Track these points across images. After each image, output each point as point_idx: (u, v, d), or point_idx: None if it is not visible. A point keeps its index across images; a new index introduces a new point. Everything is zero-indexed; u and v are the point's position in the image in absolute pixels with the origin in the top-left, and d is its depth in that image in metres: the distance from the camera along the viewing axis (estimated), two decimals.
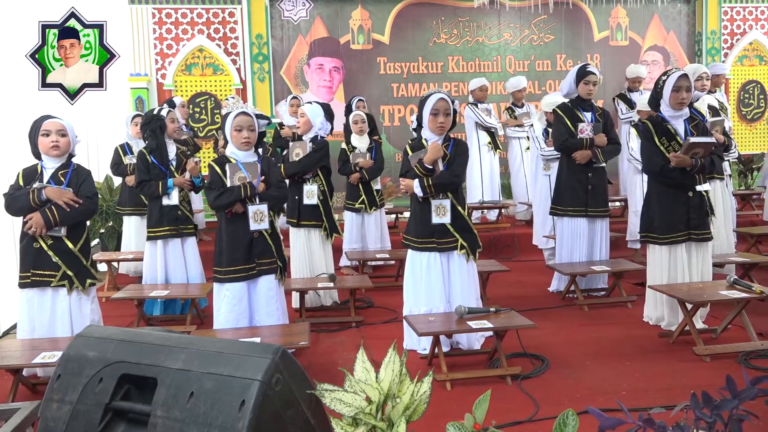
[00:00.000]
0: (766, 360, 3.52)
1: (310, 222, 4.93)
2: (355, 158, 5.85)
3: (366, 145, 6.00)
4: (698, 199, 4.04)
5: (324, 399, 1.94)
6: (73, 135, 3.66)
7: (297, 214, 4.92)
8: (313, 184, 4.92)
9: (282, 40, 8.96)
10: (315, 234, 4.97)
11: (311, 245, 4.99)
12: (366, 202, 5.95)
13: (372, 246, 6.04)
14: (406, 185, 3.75)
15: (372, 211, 6.02)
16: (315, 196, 4.88)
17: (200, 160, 4.81)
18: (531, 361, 3.59)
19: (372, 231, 6.06)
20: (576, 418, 1.91)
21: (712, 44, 9.62)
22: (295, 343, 3.30)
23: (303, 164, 4.82)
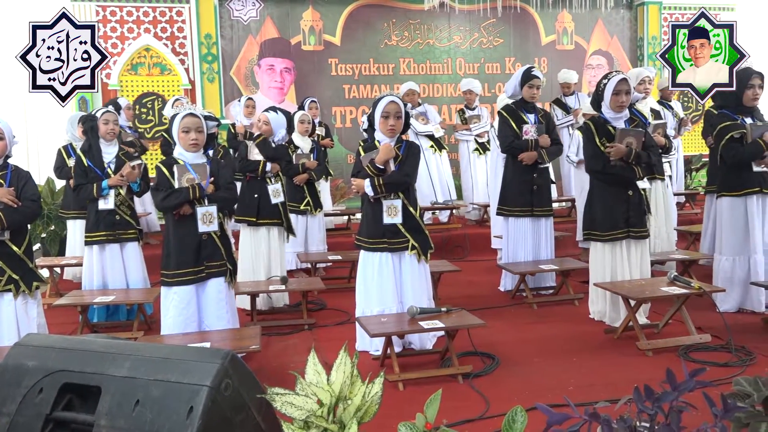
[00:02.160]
0: (704, 353, 3.67)
1: (271, 220, 4.91)
2: (299, 159, 5.75)
3: (309, 146, 5.96)
4: (637, 198, 4.19)
5: (275, 403, 1.93)
6: (10, 136, 3.56)
7: (256, 213, 4.87)
8: (277, 183, 4.94)
9: (231, 40, 8.84)
10: (274, 233, 4.95)
11: (270, 245, 4.97)
12: (311, 203, 5.86)
13: (315, 248, 5.95)
14: (357, 185, 3.75)
15: (317, 212, 5.93)
16: (280, 194, 4.92)
17: (142, 163, 4.68)
18: (482, 359, 3.64)
19: (316, 233, 5.98)
20: (524, 415, 1.95)
21: (653, 49, 9.96)
22: (245, 347, 3.26)
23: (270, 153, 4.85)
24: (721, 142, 4.39)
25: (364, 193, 3.76)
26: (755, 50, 9.38)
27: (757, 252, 4.38)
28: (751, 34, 9.79)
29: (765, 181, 4.40)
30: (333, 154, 8.51)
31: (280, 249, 5.03)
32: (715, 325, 3.99)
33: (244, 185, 4.93)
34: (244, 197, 4.87)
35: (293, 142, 5.87)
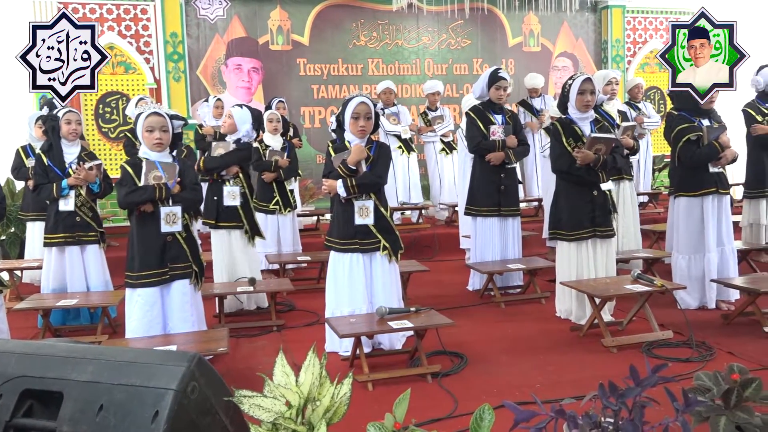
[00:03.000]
0: (666, 349, 3.75)
1: (229, 223, 4.84)
2: (271, 155, 5.70)
3: (279, 145, 5.91)
4: (602, 198, 4.27)
5: (242, 405, 1.91)
6: None
7: (215, 215, 4.81)
8: (234, 186, 4.86)
9: (198, 39, 8.73)
10: (236, 236, 4.89)
11: (232, 248, 4.90)
12: (280, 203, 5.81)
13: (287, 249, 5.91)
14: (329, 185, 3.73)
15: (287, 212, 5.88)
16: (237, 197, 4.82)
17: (100, 163, 4.59)
18: (450, 358, 3.66)
19: (288, 234, 5.94)
20: (492, 413, 1.96)
21: (617, 52, 10.16)
22: (213, 350, 3.22)
23: (225, 160, 4.75)
24: (679, 144, 4.50)
25: (335, 193, 3.74)
26: None
27: (711, 250, 4.50)
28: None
29: (720, 181, 4.52)
30: (302, 155, 8.43)
31: (245, 251, 4.95)
32: (677, 322, 4.08)
33: (207, 187, 4.87)
34: (207, 200, 4.82)
35: (263, 142, 5.84)
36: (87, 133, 8.02)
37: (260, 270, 5.17)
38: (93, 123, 8.14)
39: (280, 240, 5.89)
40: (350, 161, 3.69)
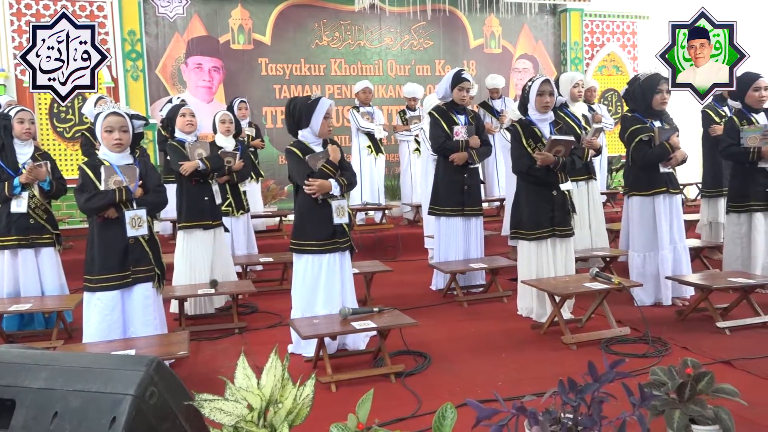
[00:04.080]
0: (624, 345, 3.84)
1: (220, 222, 4.87)
2: (224, 156, 5.60)
3: (232, 146, 5.82)
4: (561, 198, 4.35)
5: (203, 409, 1.88)
6: None
7: (210, 215, 4.79)
8: (216, 184, 4.89)
9: (157, 38, 8.58)
10: (221, 235, 4.92)
11: (223, 246, 4.95)
12: (233, 205, 5.69)
13: (240, 252, 5.81)
14: (321, 186, 3.68)
15: (239, 214, 5.76)
16: (220, 195, 4.89)
17: (48, 161, 4.47)
18: (414, 358, 3.68)
19: (241, 236, 5.84)
20: (454, 411, 1.98)
21: (576, 54, 10.36)
22: (173, 353, 3.16)
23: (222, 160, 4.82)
24: (632, 144, 4.62)
25: (319, 194, 3.70)
26: None
27: (664, 248, 4.63)
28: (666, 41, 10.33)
29: (671, 181, 4.66)
30: (264, 155, 8.39)
31: (227, 251, 5.03)
32: (634, 318, 4.18)
33: (191, 189, 4.77)
34: (195, 201, 4.74)
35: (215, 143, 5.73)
36: (41, 133, 7.80)
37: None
38: (47, 122, 7.91)
39: (233, 243, 5.77)
40: (334, 160, 3.71)
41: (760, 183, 4.75)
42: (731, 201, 4.94)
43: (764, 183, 4.74)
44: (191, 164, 4.64)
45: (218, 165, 4.79)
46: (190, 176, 4.69)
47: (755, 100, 4.79)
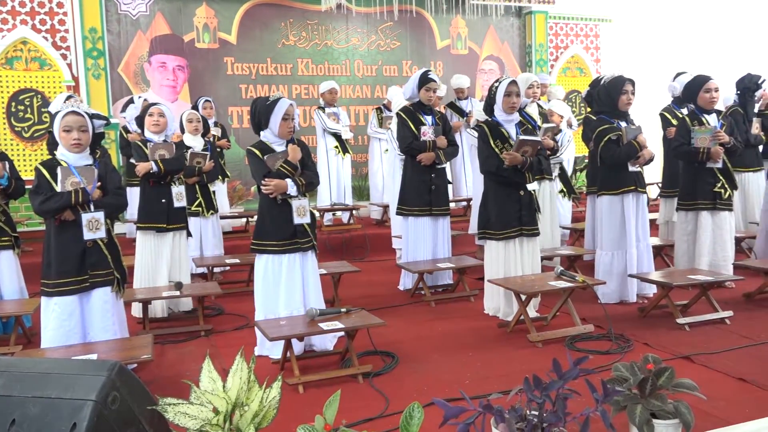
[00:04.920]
0: (588, 342, 3.91)
1: (179, 225, 4.78)
2: (193, 158, 5.50)
3: (200, 146, 5.75)
4: (528, 198, 4.40)
5: (167, 414, 1.86)
6: None
7: (166, 218, 4.68)
8: (180, 186, 4.79)
9: (119, 35, 8.42)
10: (182, 238, 4.83)
11: (181, 250, 4.84)
12: (203, 205, 5.63)
13: (209, 252, 5.75)
14: (277, 185, 3.66)
15: (209, 215, 5.71)
16: (183, 198, 4.78)
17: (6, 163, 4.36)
18: (382, 358, 3.68)
19: (210, 237, 5.76)
20: (421, 411, 1.99)
21: (541, 56, 10.51)
22: (136, 357, 3.10)
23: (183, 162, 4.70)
24: (600, 144, 4.70)
25: (276, 194, 3.68)
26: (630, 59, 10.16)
27: (632, 246, 4.72)
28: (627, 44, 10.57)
29: (639, 180, 4.76)
30: (230, 155, 8.31)
31: (187, 254, 4.94)
32: (598, 316, 4.26)
33: (148, 190, 4.69)
34: (150, 203, 4.65)
35: (183, 143, 5.65)
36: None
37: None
38: (5, 121, 7.69)
39: (203, 243, 5.71)
40: (293, 160, 3.68)
41: (708, 182, 4.87)
42: (680, 199, 5.07)
43: (712, 182, 4.87)
44: (144, 166, 4.56)
45: (175, 167, 4.66)
46: (147, 177, 4.61)
47: (706, 101, 4.92)
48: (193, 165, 5.44)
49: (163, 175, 4.62)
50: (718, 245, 4.94)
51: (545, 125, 5.72)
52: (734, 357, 3.53)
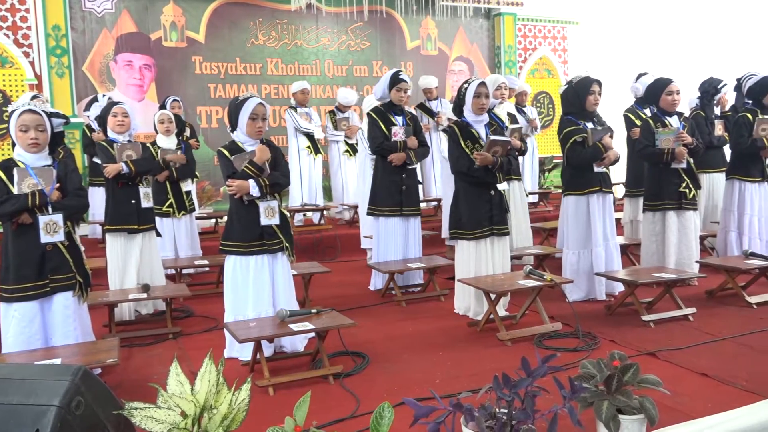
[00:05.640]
0: (556, 340, 3.96)
1: (149, 226, 4.72)
2: (163, 154, 5.41)
3: (174, 146, 5.65)
4: (498, 198, 4.45)
5: (134, 418, 1.83)
6: None
7: (137, 219, 4.61)
8: (148, 187, 4.73)
9: (84, 33, 8.25)
10: (152, 238, 4.78)
11: (152, 250, 4.79)
12: (174, 205, 5.55)
13: (183, 254, 5.68)
14: (239, 186, 3.63)
15: (181, 215, 5.62)
16: (150, 198, 4.73)
17: None
18: (352, 358, 3.68)
19: (183, 237, 5.68)
20: (391, 411, 1.99)
21: (509, 57, 10.62)
22: (102, 361, 3.04)
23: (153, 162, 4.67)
24: (567, 145, 4.77)
25: (240, 195, 3.65)
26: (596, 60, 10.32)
27: (598, 245, 4.81)
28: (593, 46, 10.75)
29: (604, 181, 4.84)
30: (199, 156, 8.19)
31: (158, 254, 4.90)
32: (566, 314, 4.32)
33: (117, 191, 4.60)
34: (120, 204, 4.57)
35: (156, 143, 5.57)
36: None
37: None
38: None
39: (177, 244, 5.64)
40: (258, 161, 3.63)
41: (673, 183, 4.98)
42: (647, 200, 5.17)
43: (677, 183, 4.98)
44: (114, 167, 4.48)
45: (146, 168, 4.61)
46: (117, 179, 4.53)
47: (668, 103, 5.03)
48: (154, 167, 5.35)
49: (133, 176, 4.54)
50: (683, 244, 5.06)
51: (512, 126, 5.79)
52: (697, 353, 3.61)
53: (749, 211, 5.50)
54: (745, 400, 2.85)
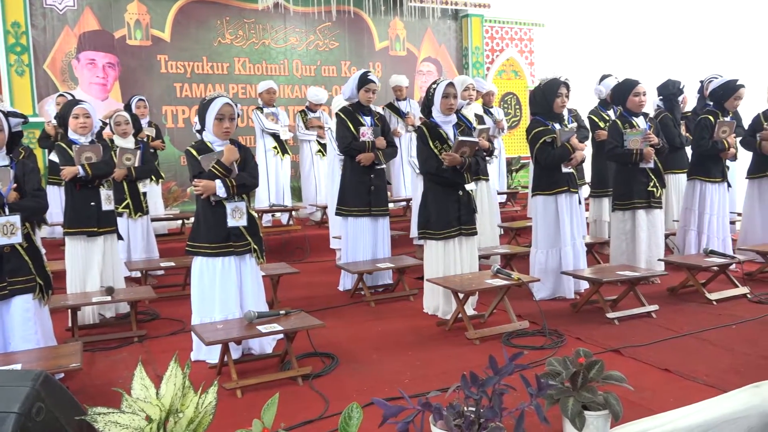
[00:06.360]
0: (523, 338, 4.01)
1: (109, 228, 4.62)
2: (121, 153, 5.27)
3: (132, 147, 5.53)
4: (466, 198, 4.48)
5: (97, 424, 1.79)
6: None
7: (96, 222, 4.51)
8: (109, 189, 4.64)
9: (45, 30, 8.06)
10: (113, 242, 4.68)
11: (114, 254, 4.70)
12: (131, 206, 5.42)
13: (137, 257, 5.56)
14: (205, 186, 3.58)
15: (137, 217, 5.49)
16: (112, 200, 4.65)
17: None
18: (321, 359, 3.66)
19: (138, 240, 5.56)
20: (360, 411, 1.99)
21: (477, 58, 10.71)
22: (64, 366, 2.97)
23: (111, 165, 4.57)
24: (536, 146, 4.84)
25: (206, 195, 3.60)
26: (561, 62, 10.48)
27: (566, 244, 4.88)
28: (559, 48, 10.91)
29: (572, 181, 4.92)
30: (165, 156, 8.09)
31: (119, 257, 4.82)
32: (533, 312, 4.37)
33: (76, 194, 4.49)
34: (79, 207, 4.47)
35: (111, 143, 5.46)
36: None
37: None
38: None
39: (131, 246, 5.50)
40: (226, 161, 3.59)
41: (642, 182, 5.10)
42: (616, 200, 5.27)
43: (646, 182, 5.10)
44: (70, 170, 4.36)
45: (104, 172, 4.49)
46: (74, 180, 4.43)
47: (635, 104, 5.14)
48: (123, 162, 5.23)
49: (90, 180, 4.44)
50: (652, 242, 5.17)
51: (480, 126, 5.84)
52: (659, 349, 3.69)
53: (709, 210, 5.64)
54: (706, 394, 2.93)
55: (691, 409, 2.76)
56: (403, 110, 8.15)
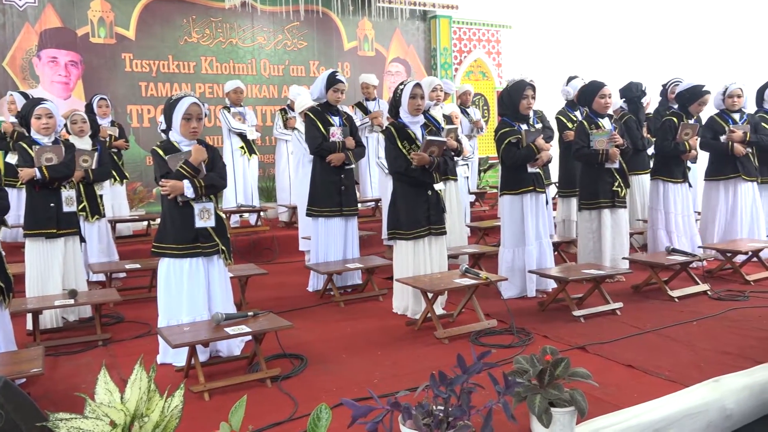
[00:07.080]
0: (491, 337, 4.05)
1: (70, 230, 4.53)
2: (78, 155, 5.12)
3: (89, 147, 5.41)
4: (435, 198, 4.51)
5: (59, 430, 1.75)
6: None
7: (56, 223, 4.41)
8: (71, 190, 4.55)
9: (4, 27, 7.86)
10: (74, 244, 4.59)
11: (76, 256, 4.60)
12: (87, 208, 5.28)
13: (95, 259, 5.44)
14: (172, 186, 3.53)
15: (94, 220, 5.37)
16: (74, 202, 4.56)
17: None
18: (290, 360, 3.64)
19: (95, 243, 5.44)
20: (329, 412, 1.99)
21: (445, 59, 10.78)
22: (25, 371, 2.90)
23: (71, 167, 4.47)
24: (502, 146, 4.89)
25: (174, 196, 3.55)
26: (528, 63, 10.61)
27: (530, 244, 4.94)
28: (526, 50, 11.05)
29: (538, 181, 4.98)
30: (129, 156, 7.96)
31: (81, 260, 4.71)
32: (501, 311, 4.41)
33: (35, 194, 4.37)
34: (39, 208, 4.36)
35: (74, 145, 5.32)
36: None
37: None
38: None
39: (87, 250, 5.36)
40: (194, 161, 3.54)
41: (607, 182, 5.20)
42: (583, 199, 5.36)
43: (611, 182, 5.20)
44: (27, 172, 4.26)
45: (63, 174, 4.39)
46: (32, 183, 4.32)
47: (601, 106, 5.24)
48: (80, 164, 5.11)
49: (48, 182, 4.34)
50: (617, 241, 5.27)
51: (448, 126, 5.88)
52: (623, 345, 3.77)
53: (673, 209, 5.78)
54: (668, 389, 3.00)
55: (654, 404, 2.82)
56: (371, 110, 8.14)
